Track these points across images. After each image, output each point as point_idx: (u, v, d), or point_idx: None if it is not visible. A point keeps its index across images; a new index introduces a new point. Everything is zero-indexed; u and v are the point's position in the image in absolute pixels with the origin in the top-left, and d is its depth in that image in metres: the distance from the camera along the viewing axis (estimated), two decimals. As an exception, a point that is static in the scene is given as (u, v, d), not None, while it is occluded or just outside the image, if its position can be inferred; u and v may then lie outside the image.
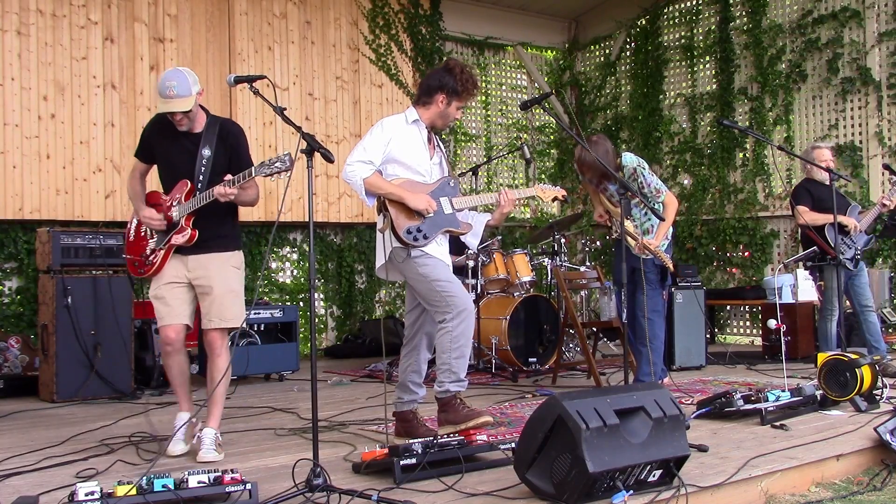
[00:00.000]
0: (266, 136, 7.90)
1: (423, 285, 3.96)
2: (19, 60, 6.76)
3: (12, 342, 6.18)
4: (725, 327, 9.50)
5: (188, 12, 7.60)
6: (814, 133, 8.66)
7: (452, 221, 4.09)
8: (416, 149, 4.08)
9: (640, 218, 5.37)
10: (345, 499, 2.96)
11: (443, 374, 3.95)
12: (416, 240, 3.94)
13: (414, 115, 4.11)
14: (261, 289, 8.28)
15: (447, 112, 4.10)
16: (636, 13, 10.14)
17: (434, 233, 4.00)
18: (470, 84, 4.08)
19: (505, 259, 7.16)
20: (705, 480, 3.18)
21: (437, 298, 3.92)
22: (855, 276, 6.33)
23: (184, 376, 4.03)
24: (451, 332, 3.89)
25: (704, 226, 9.42)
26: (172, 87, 3.73)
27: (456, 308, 3.89)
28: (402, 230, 3.94)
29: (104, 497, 2.78)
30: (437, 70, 4.19)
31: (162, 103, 3.78)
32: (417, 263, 3.96)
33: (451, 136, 9.67)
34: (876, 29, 8.23)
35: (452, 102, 4.08)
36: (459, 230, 4.13)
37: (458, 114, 4.16)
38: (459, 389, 4.00)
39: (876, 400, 4.69)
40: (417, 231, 3.95)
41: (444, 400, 4.00)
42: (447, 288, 3.92)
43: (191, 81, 3.78)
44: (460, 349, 3.92)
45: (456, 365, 3.93)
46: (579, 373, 6.71)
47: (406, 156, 4.03)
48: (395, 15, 9.02)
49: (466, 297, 3.97)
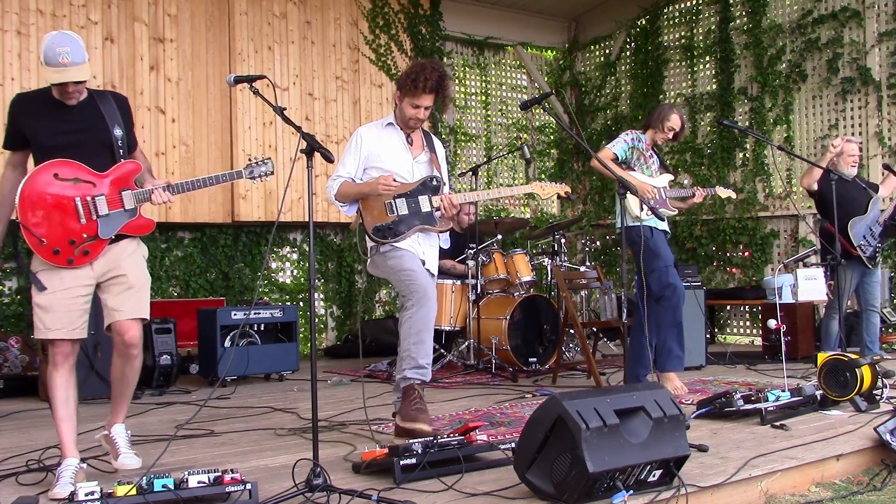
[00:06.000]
0: (266, 136, 7.90)
1: (392, 276, 4.08)
2: (19, 60, 6.75)
3: (12, 342, 6.18)
4: (725, 327, 9.50)
5: (188, 12, 7.60)
6: (814, 133, 8.67)
7: (428, 219, 4.14)
8: (393, 151, 4.16)
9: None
10: (345, 499, 2.96)
11: (403, 360, 3.97)
12: (385, 237, 4.06)
13: (390, 118, 4.25)
14: (261, 289, 8.28)
15: (402, 109, 4.15)
16: (636, 13, 10.15)
17: (406, 230, 4.09)
18: (414, 80, 4.01)
19: (505, 259, 7.16)
20: (705, 480, 3.18)
21: (402, 287, 4.00)
22: (868, 275, 6.32)
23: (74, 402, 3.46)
24: (410, 319, 3.91)
25: (704, 226, 9.42)
26: (66, 52, 3.22)
27: (416, 294, 3.91)
28: (371, 228, 4.08)
29: (104, 497, 2.78)
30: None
31: (54, 72, 3.24)
32: (387, 257, 4.08)
33: (451, 137, 9.67)
34: (876, 29, 8.23)
35: (404, 99, 4.13)
36: (436, 228, 4.18)
37: (414, 111, 4.11)
38: (419, 378, 3.95)
39: (876, 400, 4.69)
40: (388, 229, 4.08)
41: (404, 388, 3.98)
42: (410, 276, 3.98)
43: (83, 46, 3.29)
44: (419, 334, 3.90)
45: (415, 350, 3.91)
46: (579, 373, 6.71)
47: (382, 159, 4.14)
48: (395, 15, 9.02)
49: (430, 285, 3.99)
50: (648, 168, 5.54)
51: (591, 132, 10.63)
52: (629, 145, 5.45)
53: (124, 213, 3.46)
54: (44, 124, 3.40)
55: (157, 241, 7.74)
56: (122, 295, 3.47)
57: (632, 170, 5.45)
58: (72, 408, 3.42)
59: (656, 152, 5.63)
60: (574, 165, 10.83)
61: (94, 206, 3.39)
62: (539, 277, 7.85)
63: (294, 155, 3.38)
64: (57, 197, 3.34)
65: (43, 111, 3.41)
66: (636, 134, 5.51)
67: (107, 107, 3.51)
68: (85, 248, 3.39)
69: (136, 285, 3.52)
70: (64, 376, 3.40)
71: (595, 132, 10.60)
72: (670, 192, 5.58)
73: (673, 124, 5.49)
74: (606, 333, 8.34)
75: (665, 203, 5.50)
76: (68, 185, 3.35)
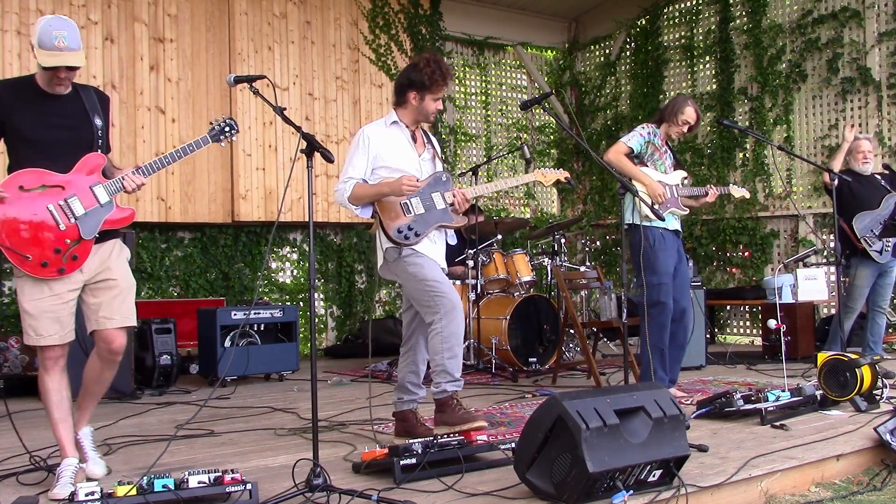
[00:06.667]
0: (266, 136, 7.90)
1: (412, 285, 3.96)
2: (19, 60, 6.75)
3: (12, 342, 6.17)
4: (725, 327, 9.50)
5: (188, 12, 7.60)
6: (814, 133, 8.67)
7: (445, 216, 4.09)
8: (401, 150, 4.10)
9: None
10: (345, 499, 2.96)
11: (438, 374, 3.94)
12: (406, 238, 3.95)
13: (393, 116, 4.14)
14: (261, 289, 8.28)
15: (423, 107, 4.08)
16: (636, 13, 10.15)
17: (426, 229, 4.01)
18: (437, 74, 4.00)
19: (505, 259, 7.16)
20: (705, 480, 3.18)
21: (426, 298, 3.90)
22: (883, 276, 6.28)
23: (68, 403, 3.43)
24: (440, 333, 3.86)
25: (704, 226, 9.42)
26: (63, 36, 3.11)
27: (444, 307, 3.85)
28: (393, 230, 3.95)
29: (104, 497, 2.78)
30: (405, 69, 4.20)
31: (48, 55, 3.12)
32: (407, 263, 3.95)
33: (451, 137, 9.67)
34: (876, 29, 8.23)
35: (426, 97, 4.06)
36: (453, 224, 4.14)
37: (437, 105, 4.10)
38: (456, 389, 3.98)
39: (876, 400, 4.69)
40: (408, 229, 3.96)
41: (442, 400, 3.98)
42: (436, 287, 3.89)
43: (79, 33, 3.20)
44: (452, 349, 3.88)
45: (450, 365, 3.90)
46: (579, 373, 6.71)
47: (391, 159, 4.05)
48: (395, 15, 9.02)
49: (455, 296, 3.94)
50: (662, 164, 5.24)
51: (591, 132, 10.63)
52: (645, 139, 5.16)
53: (100, 208, 3.34)
54: (29, 116, 3.25)
55: (157, 241, 7.74)
56: (113, 302, 3.38)
57: (644, 165, 5.16)
58: (66, 409, 3.40)
59: (670, 147, 5.37)
60: (574, 165, 10.82)
61: (70, 209, 3.26)
62: (539, 277, 7.85)
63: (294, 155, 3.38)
64: (28, 211, 3.20)
65: (28, 101, 3.26)
66: (652, 128, 5.23)
67: (88, 98, 3.40)
68: (72, 253, 3.27)
69: (125, 290, 3.43)
70: (56, 379, 3.37)
71: (595, 132, 10.60)
72: (682, 190, 5.29)
73: (688, 117, 5.18)
74: (606, 333, 8.34)
75: (676, 202, 5.22)
76: (36, 195, 3.21)
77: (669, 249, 5.12)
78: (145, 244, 7.64)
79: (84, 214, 3.29)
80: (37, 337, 3.27)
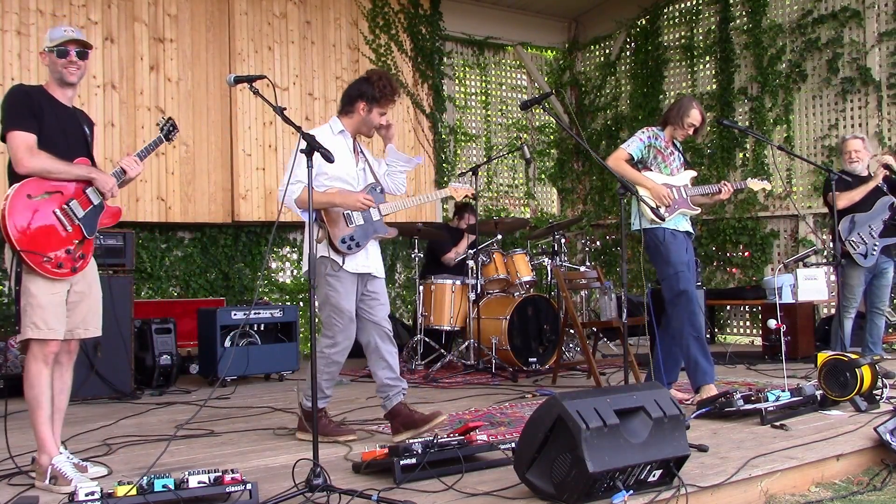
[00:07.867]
0: (266, 136, 7.90)
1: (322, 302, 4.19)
2: (19, 60, 6.76)
3: (12, 342, 6.18)
4: (725, 327, 9.50)
5: (188, 12, 7.60)
6: (814, 133, 8.67)
7: (380, 227, 4.31)
8: (343, 159, 4.16)
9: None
10: (345, 499, 2.96)
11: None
12: (349, 248, 4.13)
13: (339, 125, 4.27)
14: (261, 289, 8.28)
15: (369, 119, 4.23)
16: (636, 13, 10.15)
17: (365, 240, 4.20)
18: (388, 90, 4.20)
19: (505, 259, 7.16)
20: (705, 480, 3.18)
21: (328, 322, 4.17)
22: (878, 277, 6.27)
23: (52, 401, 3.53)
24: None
25: (704, 226, 9.42)
26: (69, 28, 3.54)
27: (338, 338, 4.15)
28: (338, 240, 4.11)
29: (104, 497, 2.78)
30: (357, 80, 4.34)
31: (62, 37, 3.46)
32: (329, 284, 4.13)
33: (451, 136, 9.67)
34: (876, 29, 8.23)
35: (373, 109, 4.21)
36: (387, 235, 4.35)
37: (381, 119, 4.25)
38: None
39: (876, 400, 4.69)
40: (350, 240, 4.14)
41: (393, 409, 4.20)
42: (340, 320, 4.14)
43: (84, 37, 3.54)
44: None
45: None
46: (579, 373, 6.71)
47: (333, 167, 4.05)
48: (395, 15, 9.03)
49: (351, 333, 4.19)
50: (668, 167, 5.17)
51: (591, 132, 10.63)
52: (645, 144, 5.12)
53: (95, 208, 3.55)
54: (49, 119, 3.48)
55: (157, 241, 7.74)
56: (90, 313, 3.59)
57: (648, 169, 5.12)
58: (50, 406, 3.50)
59: (677, 148, 5.29)
60: (574, 165, 10.83)
61: (72, 212, 3.46)
62: (539, 277, 7.85)
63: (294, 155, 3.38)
64: (38, 217, 3.39)
65: (45, 106, 3.48)
66: (653, 131, 5.18)
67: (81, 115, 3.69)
68: (80, 252, 3.48)
69: (97, 301, 3.63)
70: (50, 375, 3.49)
71: (595, 132, 10.60)
72: (692, 189, 5.23)
73: (693, 119, 5.10)
74: (606, 333, 8.34)
75: (686, 202, 5.17)
76: (42, 202, 3.40)
77: (680, 243, 5.12)
78: (145, 244, 7.64)
79: (84, 215, 3.50)
80: (47, 330, 3.38)
